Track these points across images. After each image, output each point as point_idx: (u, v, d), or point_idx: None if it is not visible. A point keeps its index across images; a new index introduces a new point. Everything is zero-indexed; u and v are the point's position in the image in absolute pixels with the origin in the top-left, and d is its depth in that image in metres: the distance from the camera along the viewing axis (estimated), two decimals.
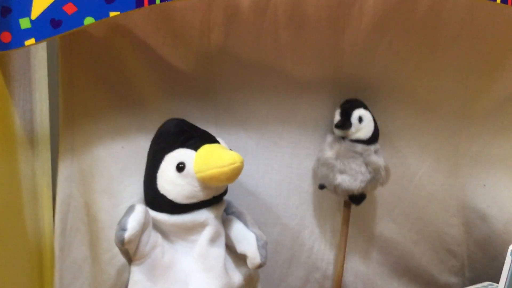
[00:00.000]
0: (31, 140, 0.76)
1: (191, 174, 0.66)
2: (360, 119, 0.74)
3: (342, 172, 0.73)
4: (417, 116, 0.83)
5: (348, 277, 0.86)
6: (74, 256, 0.78)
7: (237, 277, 0.70)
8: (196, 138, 0.68)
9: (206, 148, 0.67)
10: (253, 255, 0.67)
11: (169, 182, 0.67)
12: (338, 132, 0.75)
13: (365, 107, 0.76)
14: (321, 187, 0.77)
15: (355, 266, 0.86)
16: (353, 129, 0.73)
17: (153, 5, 0.65)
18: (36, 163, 0.76)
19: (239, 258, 0.71)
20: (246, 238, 0.69)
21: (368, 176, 0.73)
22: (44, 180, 0.77)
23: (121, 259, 0.74)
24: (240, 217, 0.72)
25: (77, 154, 0.76)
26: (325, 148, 0.76)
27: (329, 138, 0.76)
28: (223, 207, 0.72)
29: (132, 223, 0.63)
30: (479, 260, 0.87)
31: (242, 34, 0.77)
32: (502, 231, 0.83)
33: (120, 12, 0.64)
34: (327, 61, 0.79)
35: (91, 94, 0.76)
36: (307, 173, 0.82)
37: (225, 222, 0.72)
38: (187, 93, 0.79)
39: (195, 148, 0.67)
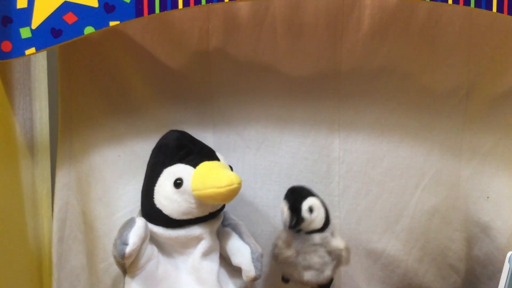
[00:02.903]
0: (31, 148, 0.76)
1: (188, 191, 0.66)
2: (311, 210, 0.69)
3: (307, 268, 0.71)
4: (418, 125, 0.82)
5: None
6: (72, 265, 0.78)
7: None
8: (196, 154, 0.68)
9: (204, 166, 0.66)
10: (248, 267, 0.67)
11: (166, 198, 0.67)
12: (293, 231, 0.71)
13: (311, 194, 0.71)
14: (286, 280, 0.75)
15: (356, 283, 0.84)
16: (306, 222, 0.69)
17: (152, 14, 0.65)
18: (35, 171, 0.77)
19: (234, 271, 0.71)
20: (240, 251, 0.69)
21: (332, 263, 0.72)
22: (44, 188, 0.78)
23: (117, 269, 0.74)
24: (235, 229, 0.71)
25: (74, 162, 0.77)
26: (281, 246, 0.72)
27: (283, 235, 0.72)
28: (219, 221, 0.72)
29: (134, 238, 0.63)
30: (478, 277, 0.85)
31: (241, 42, 0.77)
32: (505, 245, 0.81)
33: (120, 22, 0.65)
34: (325, 69, 0.79)
35: (89, 102, 0.76)
36: (306, 184, 0.81)
37: (220, 234, 0.72)
38: (185, 101, 0.79)
39: (194, 164, 0.67)
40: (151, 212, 0.68)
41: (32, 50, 0.65)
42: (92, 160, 0.76)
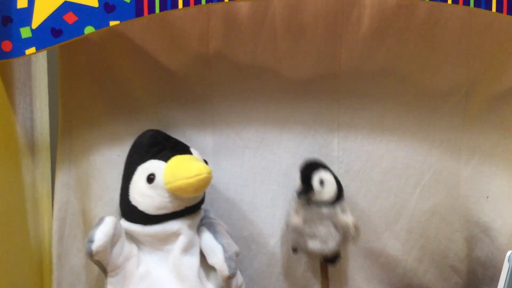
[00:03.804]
0: (31, 147, 0.76)
1: (161, 186, 0.66)
2: (322, 182, 0.72)
3: (312, 237, 0.73)
4: (417, 125, 0.82)
5: None
6: (72, 264, 0.78)
7: (211, 286, 0.70)
8: (168, 149, 0.69)
9: (175, 160, 0.67)
10: (221, 267, 0.67)
11: (140, 194, 0.68)
12: (301, 198, 0.74)
13: (325, 168, 0.74)
14: (295, 250, 0.77)
15: (356, 283, 0.84)
16: (316, 193, 0.72)
17: (152, 14, 0.65)
18: (36, 171, 0.77)
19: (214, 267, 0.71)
20: (213, 250, 0.68)
21: (338, 237, 0.74)
22: (44, 188, 0.78)
23: None
24: (210, 228, 0.71)
25: (74, 161, 0.77)
26: (291, 213, 0.75)
27: (294, 204, 0.75)
28: (199, 216, 0.72)
29: (99, 235, 0.64)
30: (480, 279, 0.85)
31: (241, 42, 0.78)
32: (506, 246, 0.81)
33: (120, 21, 0.65)
34: (325, 69, 0.79)
35: (89, 102, 0.76)
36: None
37: (198, 233, 0.72)
38: (184, 102, 0.79)
39: (166, 159, 0.68)
40: (127, 210, 0.69)
41: (32, 49, 0.66)
42: (92, 160, 0.77)
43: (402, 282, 0.85)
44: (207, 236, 0.70)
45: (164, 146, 0.70)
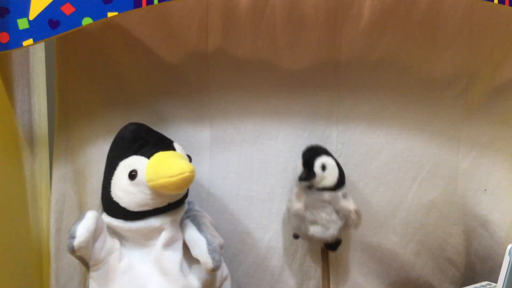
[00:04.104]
0: (30, 140, 0.76)
1: (143, 182, 0.66)
2: (323, 167, 0.72)
3: (313, 223, 0.73)
4: (416, 118, 0.82)
5: None
6: (70, 256, 0.77)
7: (194, 279, 0.69)
8: (151, 145, 0.69)
9: (158, 156, 0.67)
10: (204, 260, 0.67)
11: (122, 190, 0.67)
12: (303, 183, 0.74)
13: (327, 153, 0.74)
14: (296, 236, 0.77)
15: (354, 278, 0.84)
16: (317, 178, 0.72)
17: (151, 5, 0.65)
18: (34, 164, 0.77)
19: (198, 260, 0.70)
20: (197, 243, 0.68)
21: (339, 223, 0.73)
22: (43, 180, 0.78)
23: None
24: (194, 220, 0.71)
25: (71, 154, 0.77)
26: (293, 199, 0.75)
27: (295, 189, 0.75)
28: (182, 211, 0.71)
29: (81, 231, 0.63)
30: (478, 272, 0.85)
31: (240, 35, 0.77)
32: (504, 239, 0.81)
33: (118, 13, 0.65)
34: (325, 61, 0.79)
35: (87, 95, 0.76)
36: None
37: (182, 227, 0.71)
38: (182, 95, 0.79)
39: (148, 156, 0.67)
40: (109, 205, 0.69)
41: (29, 41, 0.65)
42: (88, 153, 0.76)
43: (399, 276, 0.85)
44: (190, 229, 0.70)
45: (147, 141, 0.69)
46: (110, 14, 0.65)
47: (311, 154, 0.73)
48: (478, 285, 0.79)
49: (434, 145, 0.83)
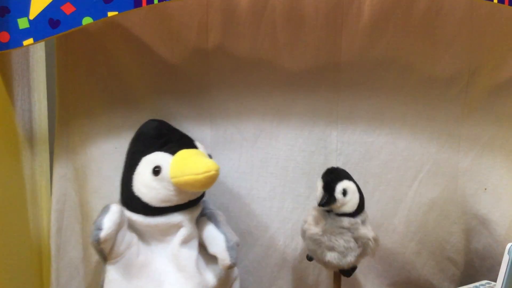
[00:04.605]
0: (30, 139, 0.76)
1: (167, 179, 0.66)
2: (344, 192, 0.69)
3: (330, 249, 0.70)
4: (416, 117, 0.82)
5: None
6: (71, 256, 0.78)
7: (210, 276, 0.70)
8: (174, 142, 0.69)
9: (182, 154, 0.67)
10: (222, 256, 0.68)
11: (145, 185, 0.67)
12: (323, 208, 0.71)
13: (348, 177, 0.71)
14: (310, 259, 0.74)
15: (354, 278, 0.84)
16: (338, 203, 0.69)
17: (151, 5, 0.65)
18: (35, 163, 0.77)
19: (213, 258, 0.71)
20: (215, 240, 0.69)
21: (357, 250, 0.70)
22: (43, 179, 0.78)
23: None
24: (211, 218, 0.72)
25: (71, 153, 0.77)
26: (310, 221, 0.72)
27: (313, 212, 0.73)
28: (199, 209, 0.72)
29: (108, 223, 0.64)
30: (477, 270, 0.85)
31: (239, 34, 0.77)
32: (504, 238, 0.81)
33: (118, 12, 0.65)
34: (325, 61, 0.79)
35: (87, 94, 0.76)
36: (302, 177, 0.82)
37: (198, 223, 0.72)
38: (182, 94, 0.79)
39: (172, 152, 0.67)
40: (130, 200, 0.69)
41: (30, 40, 0.65)
42: (89, 152, 0.76)
43: (400, 275, 0.85)
44: (208, 226, 0.70)
45: (170, 139, 0.69)
46: (110, 14, 0.65)
47: (333, 178, 0.70)
48: (477, 284, 0.79)
49: (434, 144, 0.83)
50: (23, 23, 0.65)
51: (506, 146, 0.83)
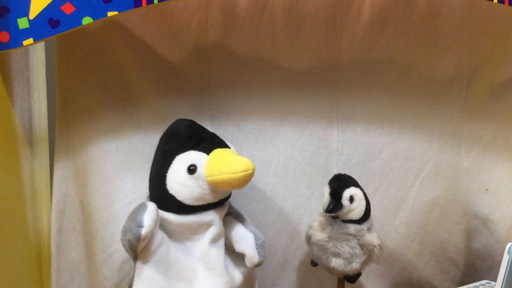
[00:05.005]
0: (30, 139, 0.76)
1: (202, 177, 0.67)
2: (351, 199, 0.69)
3: (335, 255, 0.70)
4: (417, 117, 0.82)
5: None
6: (71, 256, 0.78)
7: (237, 275, 0.71)
8: (207, 141, 0.69)
9: (218, 153, 0.68)
10: (252, 254, 0.68)
11: (179, 183, 0.67)
12: (329, 215, 0.71)
13: (355, 184, 0.71)
14: (314, 264, 0.75)
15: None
16: (344, 210, 0.69)
17: (151, 5, 0.65)
18: (34, 162, 0.77)
19: (238, 257, 0.72)
20: (244, 238, 0.70)
21: (363, 257, 0.71)
22: (43, 179, 0.78)
23: (115, 260, 0.75)
24: (237, 217, 0.73)
25: (72, 153, 0.77)
26: (315, 227, 0.72)
27: (319, 218, 0.73)
28: (226, 208, 0.73)
29: (148, 221, 0.64)
30: (477, 270, 0.85)
31: (240, 34, 0.77)
32: (505, 238, 0.81)
33: (118, 12, 0.65)
34: (325, 60, 0.79)
35: (87, 94, 0.76)
36: (303, 177, 0.82)
37: (224, 222, 0.72)
38: (183, 94, 0.79)
39: (207, 151, 0.68)
40: (163, 198, 0.69)
41: (30, 40, 0.65)
42: (90, 152, 0.76)
43: (401, 276, 0.85)
44: (236, 225, 0.71)
45: (202, 138, 0.70)
46: (110, 14, 0.65)
47: (339, 184, 0.70)
48: (477, 283, 0.79)
49: (435, 144, 0.83)
50: (23, 23, 0.65)
51: (508, 146, 0.83)
